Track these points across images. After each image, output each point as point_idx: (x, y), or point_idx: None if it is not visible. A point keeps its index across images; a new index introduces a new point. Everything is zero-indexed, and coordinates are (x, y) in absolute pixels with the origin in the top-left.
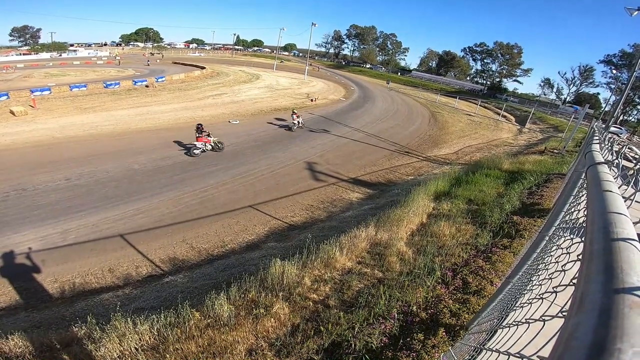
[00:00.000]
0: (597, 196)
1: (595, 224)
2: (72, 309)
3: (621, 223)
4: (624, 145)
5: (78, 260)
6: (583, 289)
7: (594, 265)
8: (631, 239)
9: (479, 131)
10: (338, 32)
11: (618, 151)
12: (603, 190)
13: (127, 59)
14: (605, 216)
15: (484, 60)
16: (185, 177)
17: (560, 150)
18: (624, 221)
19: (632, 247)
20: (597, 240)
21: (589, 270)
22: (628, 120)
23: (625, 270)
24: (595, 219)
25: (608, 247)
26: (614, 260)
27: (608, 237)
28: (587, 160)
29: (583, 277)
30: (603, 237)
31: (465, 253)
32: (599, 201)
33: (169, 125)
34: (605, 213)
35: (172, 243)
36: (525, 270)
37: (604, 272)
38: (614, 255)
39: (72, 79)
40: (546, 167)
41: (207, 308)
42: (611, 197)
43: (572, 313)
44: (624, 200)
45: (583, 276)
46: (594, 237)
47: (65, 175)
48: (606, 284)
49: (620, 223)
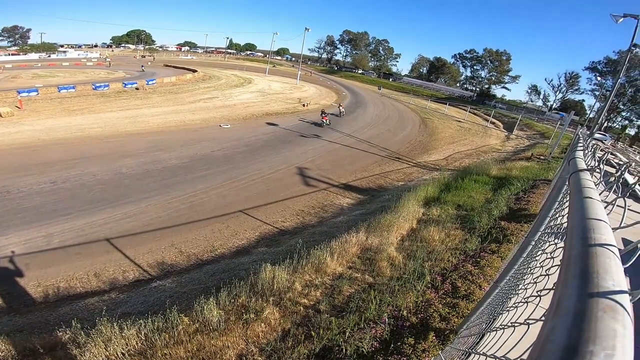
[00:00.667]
0: (578, 203)
1: (574, 229)
2: (56, 313)
3: (600, 229)
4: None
5: (62, 264)
6: (560, 293)
7: (571, 270)
8: (608, 245)
9: (468, 137)
10: (331, 38)
11: (600, 158)
12: (584, 197)
13: (117, 60)
14: (585, 222)
15: (474, 67)
16: (174, 182)
17: (547, 157)
18: (603, 227)
19: (609, 252)
20: (576, 246)
21: (566, 275)
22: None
23: (600, 275)
24: (575, 224)
25: (585, 252)
26: (590, 265)
27: (586, 243)
28: (570, 167)
29: (561, 281)
30: (581, 242)
31: (455, 258)
32: (579, 207)
33: (159, 128)
34: (585, 219)
35: (160, 247)
36: (512, 275)
37: (580, 277)
38: (590, 260)
39: (61, 80)
40: (533, 173)
41: (196, 313)
42: (591, 203)
43: (549, 316)
44: (607, 204)
45: (561, 281)
46: (573, 242)
47: (51, 178)
48: (582, 288)
49: (598, 229)
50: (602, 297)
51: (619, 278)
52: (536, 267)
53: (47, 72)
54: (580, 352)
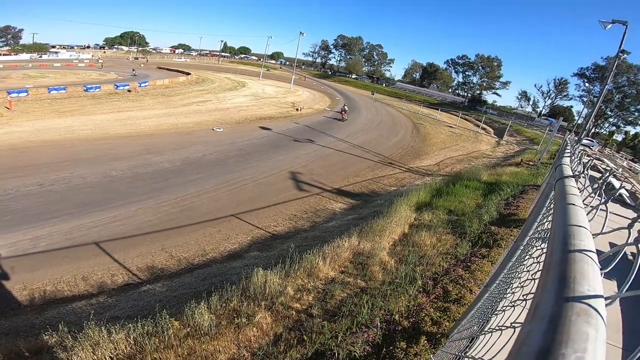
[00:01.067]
0: (561, 209)
1: (556, 235)
2: (43, 316)
3: (580, 235)
4: (592, 158)
5: (49, 267)
6: (539, 297)
7: (550, 275)
8: (587, 251)
9: (460, 143)
10: (325, 42)
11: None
12: (567, 204)
13: (110, 62)
14: (566, 228)
15: (466, 73)
16: (165, 185)
17: (536, 162)
18: (583, 233)
19: (587, 258)
20: (556, 252)
21: (545, 280)
22: (600, 133)
23: (577, 280)
24: (556, 231)
25: (565, 258)
26: (568, 271)
27: (566, 249)
28: (557, 174)
29: (540, 286)
30: (561, 248)
31: (446, 262)
32: (562, 214)
33: (151, 131)
34: (566, 225)
35: (150, 251)
36: (501, 279)
37: (558, 282)
38: (569, 266)
39: (51, 81)
40: (522, 179)
41: (186, 317)
42: (573, 210)
43: (527, 320)
44: (592, 209)
45: (540, 285)
46: (554, 248)
47: (39, 181)
48: (558, 293)
49: (579, 235)
50: (577, 301)
51: (595, 283)
52: (523, 271)
53: (38, 72)
54: (553, 355)
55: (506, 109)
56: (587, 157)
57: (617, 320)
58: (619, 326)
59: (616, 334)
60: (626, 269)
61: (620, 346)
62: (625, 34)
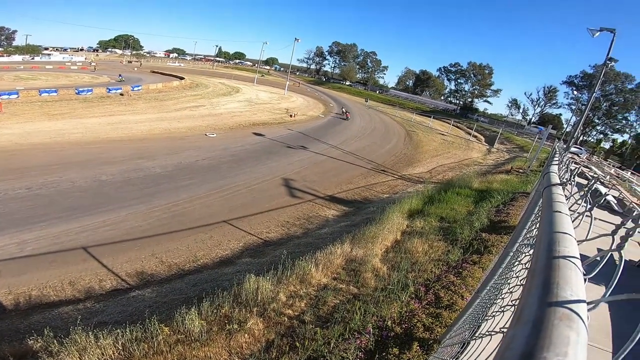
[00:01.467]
0: (548, 216)
1: (542, 242)
2: (28, 321)
3: (564, 242)
4: (580, 166)
5: (36, 272)
6: (523, 302)
7: (535, 280)
8: (571, 257)
9: (452, 150)
10: (320, 49)
11: (573, 171)
12: (553, 211)
13: (103, 65)
14: (551, 235)
15: (458, 80)
16: (157, 190)
17: (525, 170)
18: (568, 240)
19: (571, 264)
20: (541, 258)
21: (530, 285)
22: (588, 141)
23: (560, 286)
24: (542, 237)
25: (549, 264)
26: (552, 277)
27: (550, 255)
28: (544, 182)
29: (525, 291)
30: (546, 255)
31: (437, 269)
32: (548, 221)
33: (143, 135)
34: (552, 232)
35: (140, 257)
36: (492, 285)
37: (542, 287)
38: (553, 272)
39: (43, 84)
40: (512, 186)
41: (177, 323)
42: (559, 217)
43: (512, 325)
44: (579, 215)
45: (525, 290)
46: (539, 254)
47: (27, 184)
48: (542, 298)
49: (563, 242)
50: (560, 306)
51: (578, 288)
52: (513, 277)
53: (30, 74)
54: (535, 359)
55: (497, 117)
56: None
57: (607, 324)
58: (608, 331)
59: (605, 338)
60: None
61: (610, 350)
62: (613, 42)
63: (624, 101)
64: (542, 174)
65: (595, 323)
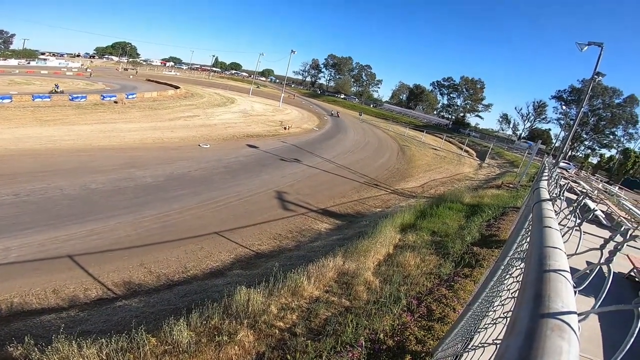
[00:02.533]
0: (538, 231)
1: (532, 256)
2: (8, 328)
3: (555, 256)
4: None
5: (19, 279)
6: (516, 314)
7: (527, 293)
8: (562, 270)
9: (444, 165)
10: (316, 61)
11: (563, 186)
12: (543, 227)
13: (98, 72)
14: (542, 250)
15: (451, 95)
16: (147, 200)
17: (515, 185)
18: (558, 254)
19: (561, 277)
20: (532, 271)
21: (522, 298)
22: (576, 156)
23: (552, 298)
24: (533, 252)
25: (540, 277)
26: (543, 289)
27: (541, 269)
28: (534, 197)
29: (517, 304)
30: (537, 268)
31: (430, 282)
32: (538, 236)
33: (135, 144)
34: (542, 247)
35: (128, 267)
36: (484, 298)
37: (534, 300)
38: (544, 285)
39: (37, 89)
40: (503, 201)
41: (164, 334)
42: (549, 232)
43: (505, 336)
44: (569, 229)
45: (518, 303)
46: (530, 268)
47: (14, 190)
48: (534, 310)
49: (554, 256)
50: (552, 317)
51: (568, 300)
52: (504, 290)
53: (24, 79)
54: None
55: (488, 132)
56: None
57: (598, 335)
58: (599, 341)
59: (597, 348)
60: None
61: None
62: (600, 56)
63: (611, 116)
64: (532, 189)
65: (587, 334)
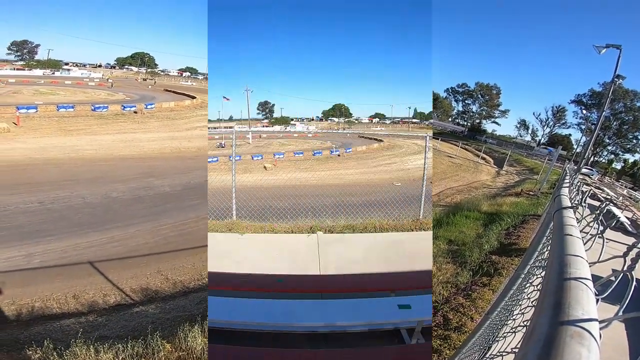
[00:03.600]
0: (559, 239)
1: (553, 265)
2: (28, 332)
3: (576, 264)
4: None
5: (41, 284)
6: (535, 321)
7: (547, 300)
8: (583, 279)
9: (460, 173)
10: None
11: (585, 193)
12: (564, 234)
13: (119, 82)
14: (562, 258)
15: (465, 101)
16: (165, 209)
17: (536, 192)
18: (579, 262)
19: (582, 285)
20: (552, 280)
21: (542, 306)
22: (599, 162)
23: (572, 306)
24: (554, 260)
25: (561, 285)
26: (563, 297)
27: (562, 277)
28: (555, 205)
29: (537, 312)
30: (558, 276)
31: (446, 291)
32: (560, 244)
33: (154, 154)
34: (563, 255)
35: (145, 273)
36: (503, 306)
37: (553, 307)
38: (564, 293)
39: (61, 99)
40: (522, 209)
41: (179, 340)
42: (570, 240)
43: (524, 343)
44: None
45: (537, 311)
46: (551, 276)
47: (39, 198)
48: (554, 317)
49: (575, 264)
50: (572, 324)
51: (589, 308)
52: (524, 298)
53: (49, 89)
54: None
55: (505, 138)
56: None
57: (624, 344)
58: (625, 350)
59: (623, 357)
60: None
61: None
62: (619, 58)
63: (633, 120)
64: (553, 196)
65: (612, 342)
